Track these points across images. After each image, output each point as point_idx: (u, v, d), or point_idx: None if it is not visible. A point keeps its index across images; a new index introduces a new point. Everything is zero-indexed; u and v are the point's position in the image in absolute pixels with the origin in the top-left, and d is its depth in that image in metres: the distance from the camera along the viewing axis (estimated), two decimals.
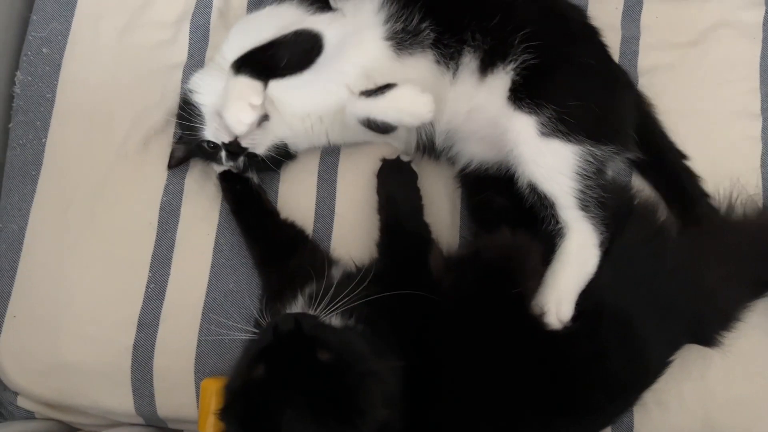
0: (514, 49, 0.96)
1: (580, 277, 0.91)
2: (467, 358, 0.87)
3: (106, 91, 1.16)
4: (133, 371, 1.05)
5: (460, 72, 0.99)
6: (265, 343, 0.79)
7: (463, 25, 0.97)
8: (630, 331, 0.91)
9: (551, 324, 0.89)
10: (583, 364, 0.90)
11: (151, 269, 1.09)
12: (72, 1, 1.19)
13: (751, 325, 1.00)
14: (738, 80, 1.11)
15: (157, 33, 1.18)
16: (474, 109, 1.00)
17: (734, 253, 0.97)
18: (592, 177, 0.94)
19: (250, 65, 0.95)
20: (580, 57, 0.99)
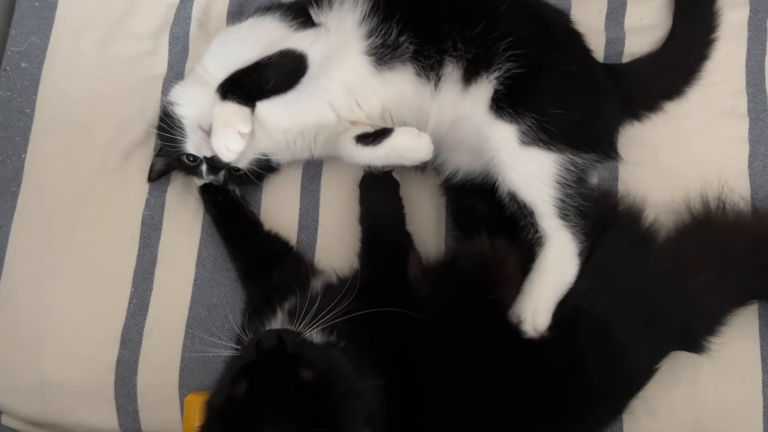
0: (498, 58, 0.95)
1: (558, 287, 0.92)
2: (447, 368, 0.87)
3: (86, 105, 1.16)
4: (116, 388, 1.05)
5: (443, 82, 0.98)
6: (248, 360, 0.78)
7: (443, 35, 0.96)
8: (609, 337, 0.91)
9: (528, 333, 0.89)
10: (562, 371, 0.90)
11: (134, 284, 1.09)
12: (50, 15, 1.20)
13: (740, 332, 1.00)
14: (724, 81, 1.10)
15: (137, 45, 1.18)
16: (459, 118, 0.99)
17: (720, 259, 0.97)
18: (572, 185, 0.94)
19: (236, 90, 0.92)
20: (563, 64, 0.98)
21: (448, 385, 0.86)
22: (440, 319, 0.90)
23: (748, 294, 0.99)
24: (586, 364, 0.90)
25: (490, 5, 0.99)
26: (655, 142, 1.08)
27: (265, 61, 0.93)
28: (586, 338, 0.91)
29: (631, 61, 1.10)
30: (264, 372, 0.76)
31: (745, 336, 1.01)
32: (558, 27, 1.04)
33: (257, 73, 0.93)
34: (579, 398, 0.90)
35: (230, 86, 0.92)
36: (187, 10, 1.19)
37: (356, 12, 0.99)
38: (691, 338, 0.97)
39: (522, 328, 0.89)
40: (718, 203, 1.02)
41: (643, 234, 0.98)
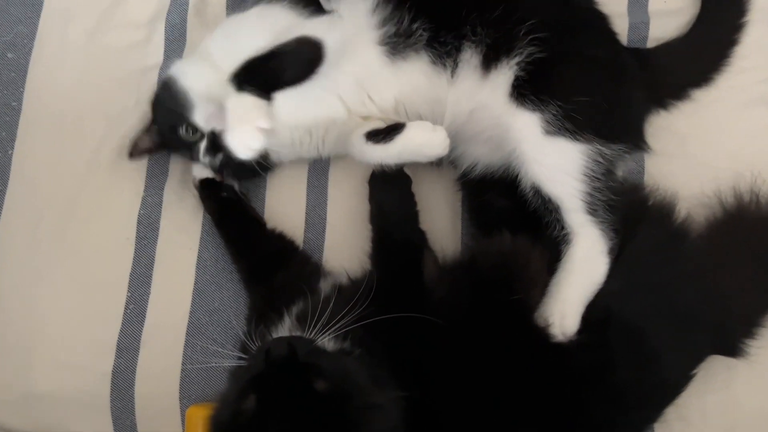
0: (519, 42, 0.92)
1: (587, 287, 0.89)
2: (467, 375, 0.84)
3: (77, 97, 1.14)
4: (112, 399, 1.03)
5: (460, 70, 0.96)
6: (256, 371, 0.74)
7: (461, 19, 0.93)
8: (642, 342, 0.89)
9: (555, 337, 0.87)
10: (591, 378, 0.87)
11: (130, 289, 1.07)
12: (38, 2, 1.18)
13: None
14: (754, 67, 1.07)
15: (130, 33, 1.16)
16: (477, 108, 0.97)
17: (755, 256, 0.94)
18: (600, 178, 0.91)
19: (253, 80, 0.90)
20: (588, 48, 0.96)
21: (468, 393, 0.83)
22: (459, 323, 0.87)
23: None
24: (617, 370, 0.87)
25: None
26: (683, 132, 1.06)
27: (281, 48, 0.91)
28: (618, 343, 0.88)
29: (656, 46, 1.07)
30: (274, 384, 0.72)
31: None
32: (582, 8, 1.01)
33: (273, 62, 0.91)
34: (609, 408, 0.87)
35: (246, 76, 0.90)
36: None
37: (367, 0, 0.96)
38: (727, 341, 0.94)
39: (550, 332, 0.86)
40: (750, 196, 0.99)
41: (675, 230, 0.95)
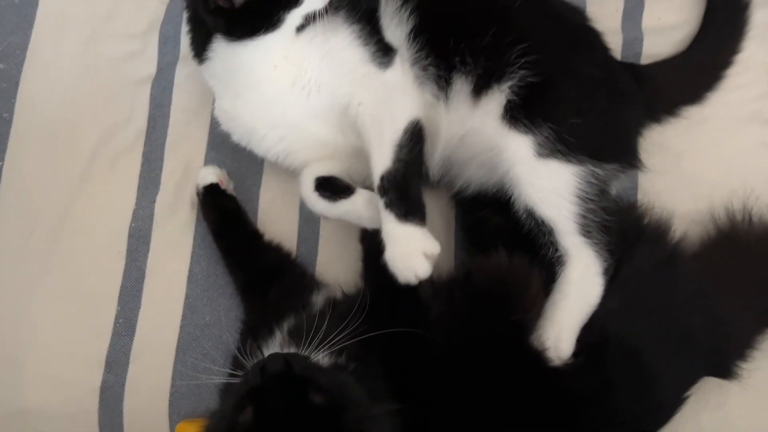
0: (510, 67, 0.92)
1: (582, 309, 0.89)
2: (462, 394, 0.84)
3: (70, 109, 1.15)
4: (101, 415, 1.03)
5: (451, 99, 0.96)
6: (253, 385, 0.74)
7: (449, 50, 0.94)
8: (639, 364, 0.88)
9: (552, 360, 0.87)
10: (588, 400, 0.87)
11: (120, 302, 1.07)
12: (31, 12, 1.19)
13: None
14: (748, 84, 1.08)
15: (124, 44, 1.17)
16: (469, 133, 0.97)
17: (750, 278, 0.94)
18: (594, 199, 0.91)
19: (413, 207, 0.88)
20: (582, 68, 0.95)
21: (463, 412, 0.82)
22: (454, 340, 0.86)
23: None
24: (614, 393, 0.87)
25: (499, 6, 0.97)
26: (677, 149, 1.06)
27: (406, 155, 0.89)
28: (615, 365, 0.88)
29: (653, 63, 1.08)
30: (272, 397, 0.72)
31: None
32: (575, 26, 1.01)
33: (409, 172, 0.89)
34: (606, 430, 0.87)
35: (405, 201, 0.88)
36: (178, 7, 1.17)
37: (402, 26, 0.96)
38: (722, 363, 0.94)
39: (545, 354, 0.85)
40: (744, 214, 0.99)
41: (671, 250, 0.95)
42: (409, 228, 0.88)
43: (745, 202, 1.01)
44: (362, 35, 0.94)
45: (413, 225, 0.88)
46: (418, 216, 0.89)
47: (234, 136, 1.00)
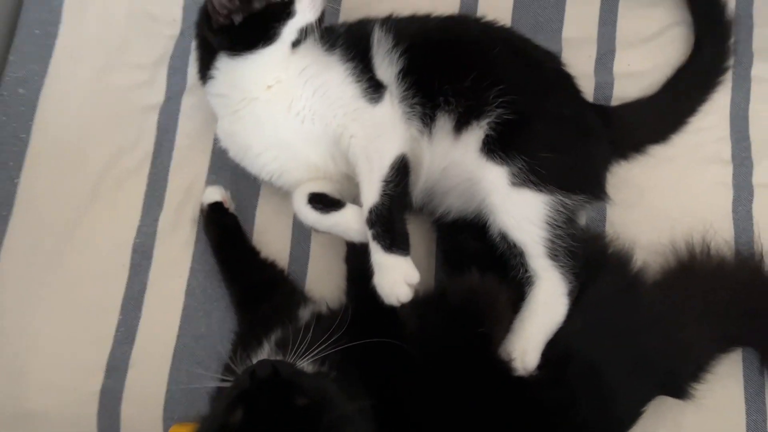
0: (489, 106, 0.98)
1: (548, 326, 0.94)
2: (435, 402, 0.88)
3: (82, 132, 1.19)
4: (99, 418, 1.05)
5: (435, 134, 1.01)
6: (243, 388, 0.80)
7: (434, 90, 0.99)
8: (599, 380, 0.92)
9: (518, 371, 0.91)
10: (551, 412, 0.90)
11: (122, 312, 1.10)
12: (50, 42, 1.23)
13: (724, 375, 1.01)
14: (709, 128, 1.14)
15: (134, 74, 1.22)
16: (450, 165, 1.02)
17: (706, 307, 0.98)
18: (562, 226, 0.96)
19: (397, 239, 0.93)
20: (553, 108, 1.01)
21: (435, 417, 0.87)
22: (428, 351, 0.91)
23: (733, 341, 1.01)
24: (576, 406, 0.91)
25: (481, 52, 1.02)
26: (642, 185, 1.12)
27: (391, 190, 0.94)
28: (578, 380, 0.92)
29: (622, 104, 1.14)
30: (260, 399, 0.77)
31: (730, 379, 1.02)
32: (549, 70, 1.07)
33: (394, 206, 0.94)
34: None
35: (390, 233, 0.93)
36: (186, 43, 1.22)
37: (393, 66, 1.01)
38: (677, 385, 0.98)
39: (512, 365, 0.90)
40: (702, 248, 1.05)
41: (632, 278, 1.00)
42: (394, 258, 0.93)
43: (704, 236, 1.05)
44: (355, 72, 1.00)
45: (398, 255, 0.93)
46: (402, 247, 0.93)
47: (230, 152, 1.05)
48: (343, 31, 1.06)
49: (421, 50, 1.03)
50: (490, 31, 1.09)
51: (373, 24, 1.05)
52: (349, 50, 1.02)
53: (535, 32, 1.20)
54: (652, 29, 1.21)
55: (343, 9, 1.23)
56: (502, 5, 1.23)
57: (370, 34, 1.04)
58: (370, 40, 1.03)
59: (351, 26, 1.08)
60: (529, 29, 1.20)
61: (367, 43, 1.04)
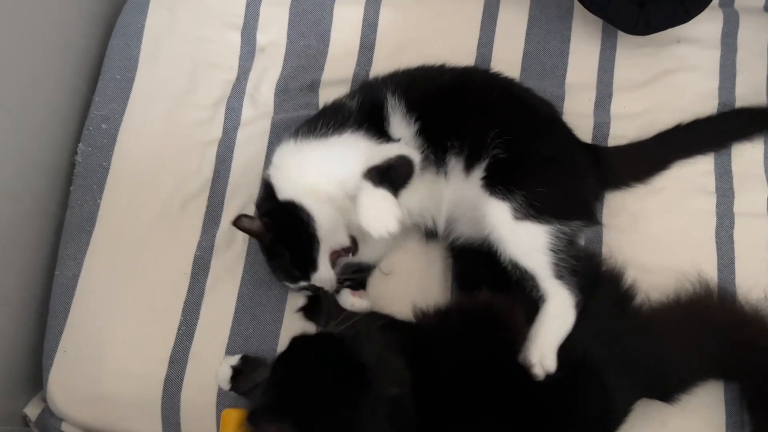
0: (486, 147, 1.06)
1: (560, 334, 1.00)
2: (462, 403, 0.95)
3: (153, 161, 1.27)
4: (163, 402, 1.13)
5: (449, 174, 1.10)
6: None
7: (444, 136, 1.08)
8: (600, 382, 1.00)
9: (538, 375, 0.97)
10: (560, 408, 0.98)
11: (183, 314, 1.17)
12: (128, 86, 1.32)
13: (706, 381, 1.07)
14: (695, 162, 1.21)
15: (197, 113, 1.30)
16: (464, 199, 1.10)
17: (688, 337, 1.05)
18: (563, 250, 1.03)
19: (386, 180, 0.99)
20: (545, 148, 1.09)
21: (461, 415, 0.95)
22: (454, 358, 0.98)
23: (715, 372, 1.07)
24: (580, 404, 0.98)
25: (479, 100, 1.11)
26: (635, 212, 1.19)
27: (393, 162, 1.03)
28: (582, 382, 0.99)
29: (616, 146, 1.22)
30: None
31: (711, 383, 1.08)
32: (542, 115, 1.15)
33: (393, 171, 1.02)
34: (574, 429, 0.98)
35: (381, 176, 1.00)
36: (241, 87, 1.32)
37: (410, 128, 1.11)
38: (662, 390, 1.05)
39: (532, 371, 0.97)
40: (688, 284, 1.11)
41: (623, 293, 1.08)
42: (382, 192, 0.97)
43: (691, 268, 1.12)
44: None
45: (386, 190, 0.98)
46: (391, 187, 0.98)
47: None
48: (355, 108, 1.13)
49: (432, 108, 1.11)
50: (492, 81, 1.18)
51: (384, 91, 1.13)
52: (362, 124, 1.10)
53: (542, 78, 1.28)
54: (645, 76, 1.28)
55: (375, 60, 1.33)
56: (514, 55, 1.31)
57: (384, 104, 1.12)
58: (385, 110, 1.11)
59: (363, 99, 1.14)
60: (536, 76, 1.29)
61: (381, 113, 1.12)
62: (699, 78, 1.28)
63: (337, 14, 1.36)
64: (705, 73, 1.28)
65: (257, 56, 1.35)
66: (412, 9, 1.36)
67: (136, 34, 1.37)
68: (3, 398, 1.19)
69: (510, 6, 1.35)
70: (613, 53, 1.31)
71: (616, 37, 1.31)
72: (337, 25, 1.35)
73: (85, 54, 1.38)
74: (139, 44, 1.36)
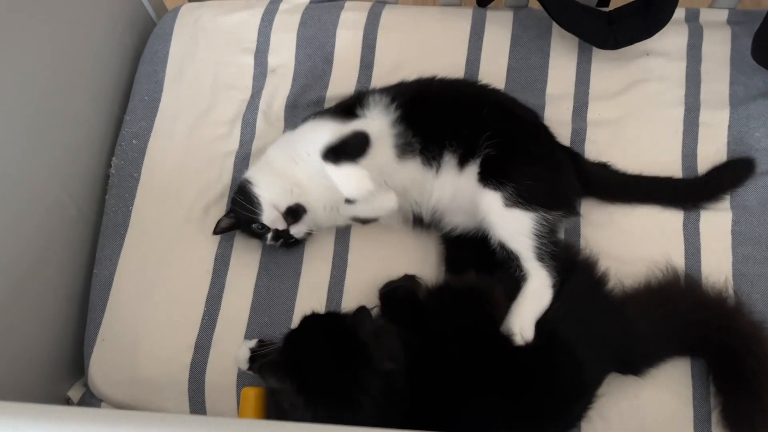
0: (479, 147, 1.16)
1: (538, 308, 1.10)
2: (449, 366, 1.04)
3: (178, 172, 1.36)
4: (189, 384, 1.22)
5: (443, 167, 1.19)
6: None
7: (442, 137, 1.18)
8: (571, 351, 1.08)
9: (517, 342, 1.07)
10: (537, 374, 1.06)
11: (206, 305, 1.26)
12: (155, 106, 1.42)
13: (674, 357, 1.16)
14: (665, 162, 1.31)
15: (217, 129, 1.39)
16: (458, 191, 1.19)
17: (657, 317, 1.13)
18: (546, 235, 1.13)
19: (342, 155, 1.13)
20: (530, 147, 1.20)
21: (448, 383, 1.04)
22: (443, 330, 1.08)
23: (683, 350, 1.16)
24: (556, 372, 1.07)
25: (474, 112, 1.20)
26: (611, 209, 1.28)
27: (347, 137, 1.15)
28: (557, 353, 1.08)
29: (598, 162, 1.31)
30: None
31: (679, 359, 1.16)
32: (527, 122, 1.26)
33: (346, 145, 1.14)
34: (550, 401, 1.06)
35: (336, 154, 1.13)
36: (255, 104, 1.40)
37: (389, 116, 1.21)
38: (632, 365, 1.13)
39: (513, 338, 1.07)
40: (656, 270, 1.21)
41: (597, 279, 1.17)
42: (346, 166, 1.12)
43: (661, 256, 1.21)
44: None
45: (347, 163, 1.12)
46: (349, 158, 1.12)
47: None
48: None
49: (431, 114, 1.21)
50: (483, 93, 1.29)
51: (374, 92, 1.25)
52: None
53: (525, 90, 1.37)
54: (618, 87, 1.37)
55: (374, 77, 1.42)
56: (499, 70, 1.40)
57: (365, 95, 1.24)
58: (364, 99, 1.23)
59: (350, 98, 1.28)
60: (519, 88, 1.38)
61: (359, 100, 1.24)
62: (667, 87, 1.37)
63: (339, 37, 1.45)
64: (672, 82, 1.38)
65: (269, 77, 1.44)
66: (406, 31, 1.46)
67: (161, 59, 1.47)
68: (49, 383, 1.29)
69: (494, 26, 1.45)
70: (588, 66, 1.40)
71: (591, 52, 1.41)
72: (339, 48, 1.45)
73: (118, 79, 1.48)
74: (165, 69, 1.46)
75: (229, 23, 1.49)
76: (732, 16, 1.43)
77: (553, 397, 1.07)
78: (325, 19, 1.47)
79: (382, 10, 1.48)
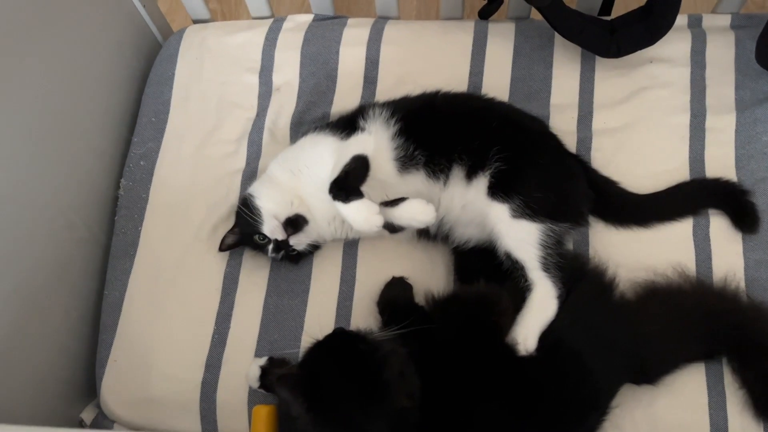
0: (489, 161, 1.17)
1: (543, 320, 1.10)
2: (455, 375, 1.04)
3: (186, 192, 1.37)
4: (201, 402, 1.22)
5: (451, 180, 1.19)
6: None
7: (452, 150, 1.19)
8: (580, 362, 1.08)
9: (520, 352, 1.07)
10: (544, 386, 1.05)
11: (216, 323, 1.27)
12: (163, 127, 1.44)
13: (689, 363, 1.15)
14: (672, 170, 1.31)
15: (223, 148, 1.41)
16: (466, 203, 1.20)
17: (668, 321, 1.13)
18: (552, 247, 1.13)
19: (349, 190, 1.13)
20: (539, 159, 1.20)
21: (455, 390, 1.03)
22: (450, 339, 1.08)
23: (696, 356, 1.16)
24: (563, 382, 1.06)
25: (484, 126, 1.21)
26: None
27: (350, 167, 1.15)
28: (565, 363, 1.07)
29: (608, 179, 1.31)
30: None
31: (693, 365, 1.16)
32: (535, 132, 1.26)
33: (350, 177, 1.14)
34: (561, 412, 1.06)
35: (342, 188, 1.13)
36: (261, 122, 1.42)
37: (389, 130, 1.22)
38: (645, 373, 1.13)
39: (516, 348, 1.07)
40: (666, 275, 1.20)
41: (606, 287, 1.17)
42: (356, 203, 1.11)
43: (670, 263, 1.20)
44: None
45: (356, 200, 1.11)
46: (355, 195, 1.11)
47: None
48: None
49: (437, 129, 1.21)
50: (491, 106, 1.29)
51: (375, 106, 1.25)
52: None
53: (529, 101, 1.38)
54: (622, 94, 1.38)
55: (378, 92, 1.43)
56: (502, 82, 1.41)
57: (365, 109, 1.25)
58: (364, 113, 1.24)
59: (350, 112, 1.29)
60: (523, 99, 1.39)
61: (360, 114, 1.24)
62: (671, 93, 1.37)
63: (343, 54, 1.47)
64: (677, 88, 1.38)
65: (274, 95, 1.46)
66: (409, 46, 1.47)
67: (167, 81, 1.50)
68: (63, 405, 1.30)
69: (497, 38, 1.46)
70: (592, 75, 1.41)
71: (594, 60, 1.42)
72: (342, 64, 1.46)
73: (126, 101, 1.50)
74: (171, 90, 1.48)
75: (234, 43, 1.51)
76: (735, 21, 1.44)
77: (565, 409, 1.07)
78: (329, 36, 1.49)
79: (384, 26, 1.50)
